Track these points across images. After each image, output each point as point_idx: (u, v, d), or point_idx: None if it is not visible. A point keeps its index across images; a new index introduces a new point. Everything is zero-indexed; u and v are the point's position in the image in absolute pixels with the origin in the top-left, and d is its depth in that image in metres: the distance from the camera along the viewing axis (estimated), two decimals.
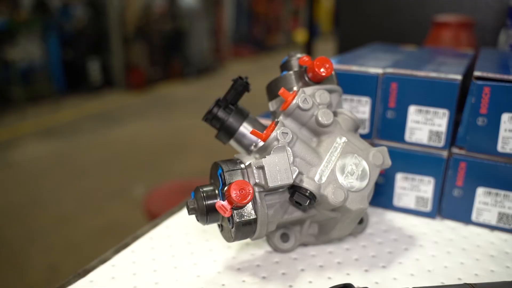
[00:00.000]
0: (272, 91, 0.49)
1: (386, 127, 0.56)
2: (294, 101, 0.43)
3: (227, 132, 0.48)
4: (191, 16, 5.04)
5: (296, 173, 0.41)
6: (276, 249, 0.49)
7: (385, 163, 0.45)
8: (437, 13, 1.13)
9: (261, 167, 0.41)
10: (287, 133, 0.42)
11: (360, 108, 0.57)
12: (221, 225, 0.45)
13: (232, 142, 0.48)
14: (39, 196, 2.34)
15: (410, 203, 0.57)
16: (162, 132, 3.35)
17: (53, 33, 3.79)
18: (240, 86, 0.47)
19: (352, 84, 0.57)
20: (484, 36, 1.12)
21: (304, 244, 0.51)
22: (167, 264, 0.47)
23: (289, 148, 0.42)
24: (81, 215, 2.17)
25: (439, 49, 0.80)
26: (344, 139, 0.44)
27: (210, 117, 0.48)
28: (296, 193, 0.42)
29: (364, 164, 0.44)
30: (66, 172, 2.64)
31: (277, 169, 0.40)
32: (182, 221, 0.56)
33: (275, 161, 0.41)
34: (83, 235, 1.96)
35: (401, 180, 0.57)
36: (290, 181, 0.40)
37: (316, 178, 0.42)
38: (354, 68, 0.56)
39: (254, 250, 0.50)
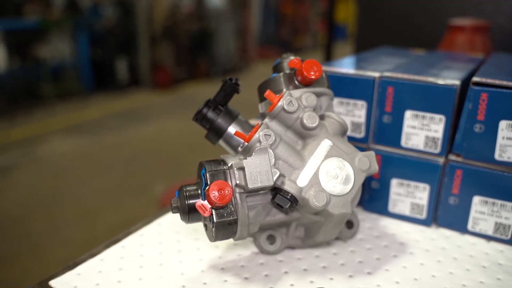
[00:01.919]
0: (262, 93, 0.49)
1: (382, 132, 0.56)
2: (279, 103, 0.43)
3: (216, 133, 0.48)
4: (218, 16, 5.08)
5: (277, 176, 0.41)
6: (262, 251, 0.49)
7: (372, 168, 0.45)
8: (457, 17, 1.10)
9: (242, 168, 0.41)
10: (269, 135, 0.42)
11: (356, 112, 0.56)
12: (206, 225, 0.45)
13: (221, 143, 0.49)
14: (63, 190, 2.41)
15: (405, 210, 0.56)
16: (186, 131, 3.39)
17: (83, 32, 3.90)
18: (229, 88, 0.47)
19: (348, 88, 0.56)
20: (505, 40, 1.09)
21: (292, 247, 0.51)
22: (153, 261, 0.48)
23: (271, 150, 0.42)
24: (103, 211, 2.22)
25: (448, 53, 0.78)
26: (329, 142, 0.44)
27: (200, 117, 0.48)
28: (277, 195, 0.42)
29: (349, 168, 0.43)
30: (91, 168, 2.70)
31: (258, 170, 0.41)
32: (175, 219, 0.56)
33: (256, 162, 0.41)
34: (103, 231, 2.01)
35: (396, 186, 0.56)
36: (271, 183, 0.40)
37: (298, 181, 0.42)
38: (351, 71, 0.56)
39: (241, 250, 0.50)
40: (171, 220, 0.56)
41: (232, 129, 0.48)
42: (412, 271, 0.47)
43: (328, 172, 0.43)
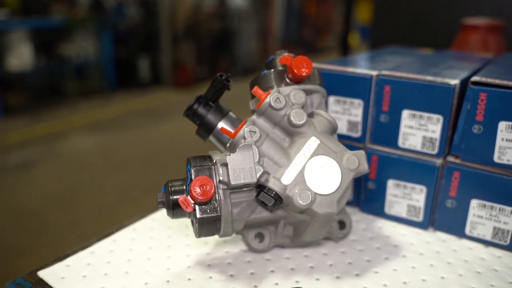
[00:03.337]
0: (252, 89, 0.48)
1: (379, 131, 0.54)
2: (266, 100, 0.43)
3: (206, 128, 0.48)
4: (240, 16, 5.10)
5: (260, 173, 0.41)
6: (250, 249, 0.49)
7: (361, 168, 0.44)
8: (474, 16, 1.07)
9: (225, 165, 0.41)
10: (254, 131, 0.42)
11: (353, 110, 0.55)
12: (192, 221, 0.45)
13: (211, 139, 0.49)
14: (82, 186, 2.45)
15: (402, 212, 0.55)
16: None
17: (107, 31, 3.96)
18: (219, 84, 0.47)
19: (345, 86, 0.55)
20: None
21: (282, 246, 0.50)
22: (142, 255, 0.48)
23: (255, 147, 0.41)
24: (120, 206, 2.26)
25: (456, 53, 0.76)
26: (317, 140, 0.43)
27: (191, 113, 0.48)
28: (261, 192, 0.41)
29: (336, 167, 0.42)
30: (110, 164, 2.75)
31: (241, 167, 0.40)
32: None
33: (239, 159, 0.40)
34: None
35: (392, 187, 0.55)
36: (254, 180, 0.40)
37: (283, 178, 0.42)
38: (349, 69, 0.55)
39: (229, 248, 0.50)
40: (165, 215, 0.57)
41: (222, 125, 0.47)
42: (402, 274, 0.45)
43: (314, 170, 0.42)
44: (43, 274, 0.45)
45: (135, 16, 4.25)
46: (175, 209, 0.43)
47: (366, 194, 0.57)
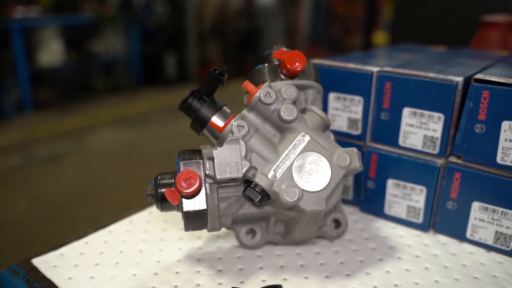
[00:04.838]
0: None
1: (379, 129, 0.53)
2: (256, 94, 0.42)
3: (199, 122, 0.48)
4: (267, 14, 5.09)
5: (247, 167, 0.40)
6: (241, 245, 0.48)
7: (353, 165, 0.42)
8: (496, 13, 1.03)
9: (212, 158, 0.40)
10: (243, 126, 0.41)
11: (353, 107, 0.54)
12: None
13: (205, 132, 0.49)
14: (107, 180, 2.51)
15: (401, 213, 0.53)
16: None
17: (135, 29, 4.04)
18: (213, 78, 0.47)
19: (346, 82, 0.54)
20: None
21: (275, 244, 0.49)
22: (134, 247, 0.49)
23: (242, 142, 0.41)
24: (142, 201, 2.29)
25: (470, 51, 0.73)
26: (307, 136, 0.42)
27: (186, 107, 0.48)
28: (248, 188, 0.41)
29: (326, 164, 0.42)
30: (134, 159, 2.80)
31: (227, 161, 0.40)
32: None
33: (226, 153, 0.40)
34: None
35: (392, 187, 0.53)
36: (240, 175, 0.40)
37: (271, 174, 0.41)
38: (349, 65, 0.54)
39: (222, 243, 0.50)
40: None
41: (215, 119, 0.47)
42: (395, 277, 0.44)
43: (303, 167, 0.41)
44: (36, 261, 0.46)
45: (162, 13, 4.31)
46: (163, 202, 0.43)
47: (365, 194, 0.56)
